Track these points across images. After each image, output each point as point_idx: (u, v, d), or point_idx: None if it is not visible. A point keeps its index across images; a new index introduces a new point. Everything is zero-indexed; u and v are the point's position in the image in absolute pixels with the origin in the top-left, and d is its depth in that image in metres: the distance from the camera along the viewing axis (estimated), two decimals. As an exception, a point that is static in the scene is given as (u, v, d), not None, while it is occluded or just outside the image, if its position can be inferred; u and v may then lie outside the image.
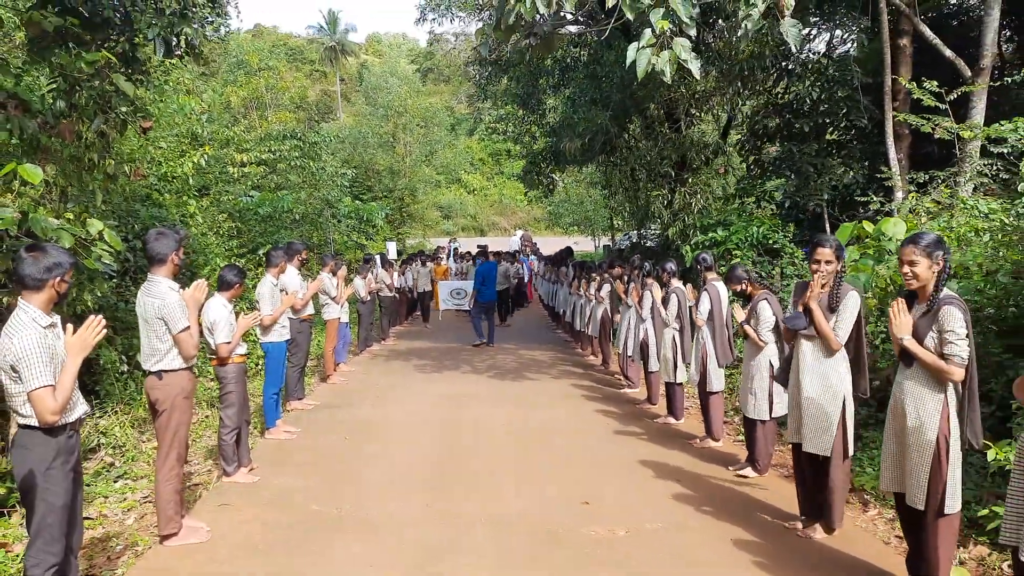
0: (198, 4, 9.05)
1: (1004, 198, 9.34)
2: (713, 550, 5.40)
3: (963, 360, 4.18)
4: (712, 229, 14.27)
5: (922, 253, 4.34)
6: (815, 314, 5.28)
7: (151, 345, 5.37)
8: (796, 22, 8.41)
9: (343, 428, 9.08)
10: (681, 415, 9.19)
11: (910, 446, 4.38)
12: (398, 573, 5.06)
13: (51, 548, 3.91)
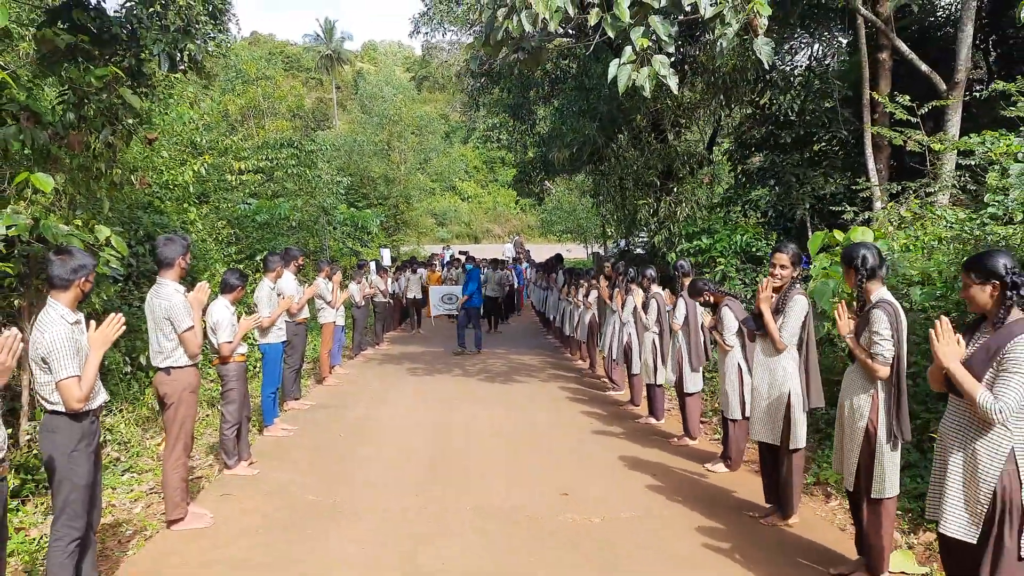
0: (201, 21, 9.43)
1: (972, 208, 9.76)
2: (680, 536, 5.81)
3: (886, 359, 4.61)
4: (697, 237, 14.70)
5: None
6: (764, 315, 5.74)
7: (159, 343, 5.78)
8: (769, 40, 8.88)
9: (338, 427, 9.48)
10: (662, 415, 9.60)
11: (846, 434, 4.84)
12: (388, 556, 5.46)
13: (74, 523, 4.30)
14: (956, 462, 3.82)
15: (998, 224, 8.44)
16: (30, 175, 6.82)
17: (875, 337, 4.66)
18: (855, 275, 4.83)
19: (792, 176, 15.34)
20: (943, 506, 3.84)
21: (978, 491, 3.70)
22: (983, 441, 3.71)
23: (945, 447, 3.90)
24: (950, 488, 3.81)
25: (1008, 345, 3.62)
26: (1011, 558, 3.63)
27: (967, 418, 3.79)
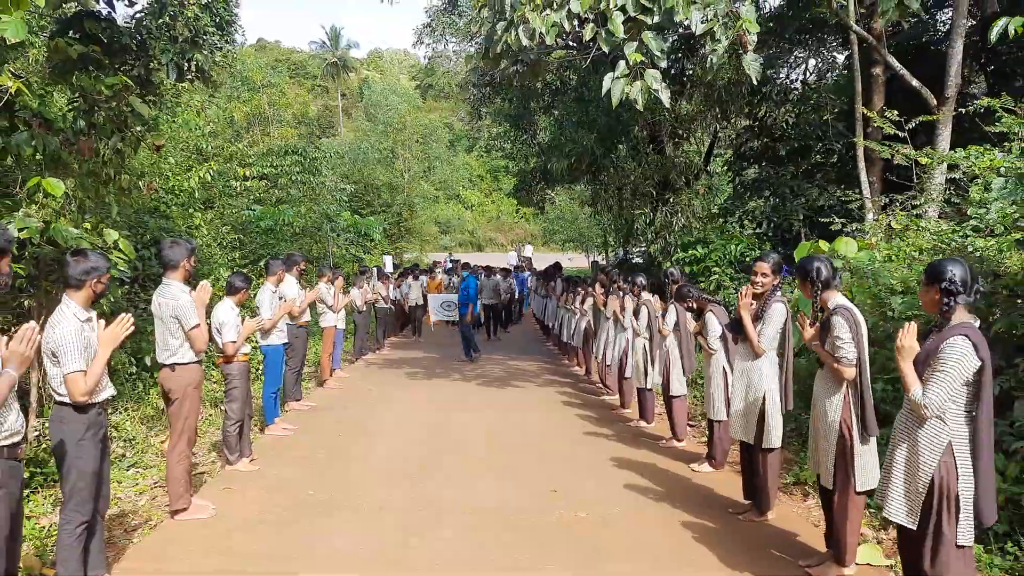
0: (208, 31, 9.75)
1: (956, 221, 10.03)
2: (663, 531, 6.08)
3: (850, 360, 4.90)
4: (692, 247, 14.99)
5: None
6: (744, 320, 6.03)
7: (165, 341, 6.06)
8: (757, 56, 9.21)
9: (337, 428, 9.75)
10: (652, 418, 9.86)
11: (820, 434, 5.10)
12: (382, 548, 5.73)
13: (81, 508, 4.57)
14: (900, 453, 4.14)
15: (979, 236, 8.73)
16: (42, 180, 7.08)
17: (837, 342, 4.95)
18: (811, 287, 5.14)
19: (787, 188, 15.65)
20: (887, 493, 4.13)
21: (917, 480, 3.99)
22: (923, 434, 4.02)
23: (894, 439, 4.20)
24: (894, 476, 4.12)
25: (941, 346, 3.93)
26: (949, 545, 3.92)
27: (911, 413, 4.07)
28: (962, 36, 12.77)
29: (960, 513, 3.91)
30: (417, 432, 9.62)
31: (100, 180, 9.34)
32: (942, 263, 4.09)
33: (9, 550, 3.77)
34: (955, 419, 3.93)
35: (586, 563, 5.47)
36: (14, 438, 3.76)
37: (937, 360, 3.93)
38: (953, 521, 3.90)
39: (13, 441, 3.75)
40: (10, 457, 3.74)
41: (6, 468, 3.71)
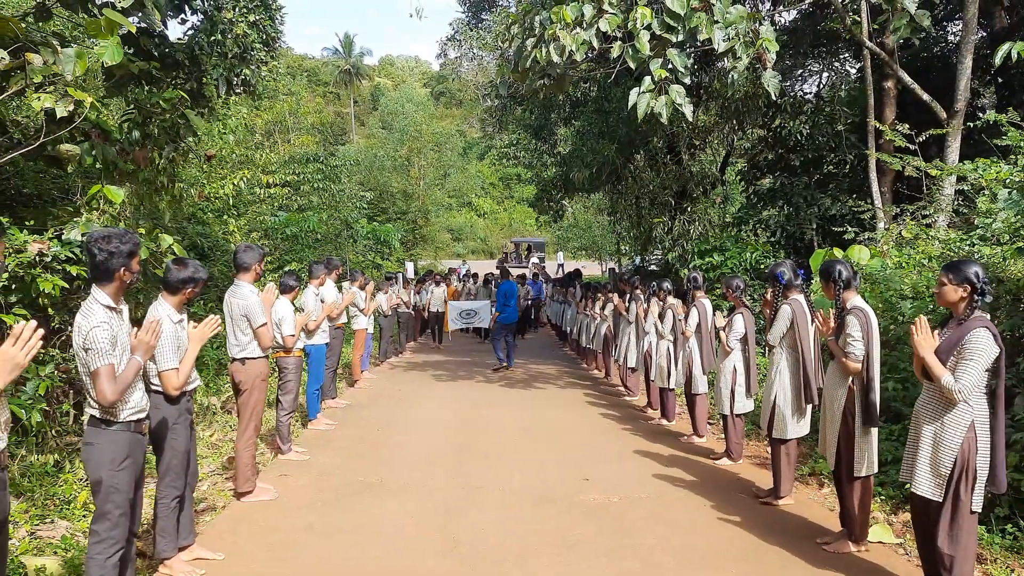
0: (255, 47, 10.30)
1: (964, 230, 10.53)
2: (689, 512, 6.61)
3: (857, 357, 5.44)
4: (709, 254, 15.50)
5: (821, 279, 5.89)
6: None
7: (236, 337, 6.61)
8: (776, 73, 9.74)
9: (374, 422, 10.29)
10: (673, 417, 10.38)
11: (828, 420, 5.66)
12: (430, 524, 6.27)
13: (176, 483, 5.11)
14: (927, 434, 4.61)
15: (985, 245, 9.23)
16: (103, 187, 7.60)
17: (849, 339, 5.49)
18: (833, 287, 5.68)
19: (801, 198, 16.15)
20: (915, 470, 4.62)
21: (943, 457, 4.49)
22: (949, 416, 4.50)
23: (918, 422, 4.69)
24: (921, 455, 4.60)
25: (967, 337, 4.43)
26: (965, 510, 4.44)
27: (937, 397, 4.57)
28: (971, 52, 13.25)
29: (975, 483, 4.42)
30: (449, 426, 10.17)
31: (154, 188, 9.89)
32: (968, 264, 4.58)
33: (133, 513, 4.31)
34: (978, 401, 4.44)
35: (623, 536, 6.00)
36: (139, 414, 4.29)
37: (964, 350, 4.41)
38: (970, 490, 4.42)
39: (138, 417, 4.28)
40: (136, 431, 4.27)
41: (132, 440, 4.25)
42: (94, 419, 4.16)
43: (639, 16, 9.40)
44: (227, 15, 10.11)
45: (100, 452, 4.14)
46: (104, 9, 6.02)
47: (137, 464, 4.29)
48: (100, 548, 4.14)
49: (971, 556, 4.53)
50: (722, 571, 5.37)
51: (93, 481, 4.17)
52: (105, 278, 4.17)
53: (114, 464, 4.14)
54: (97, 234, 4.18)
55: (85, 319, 4.00)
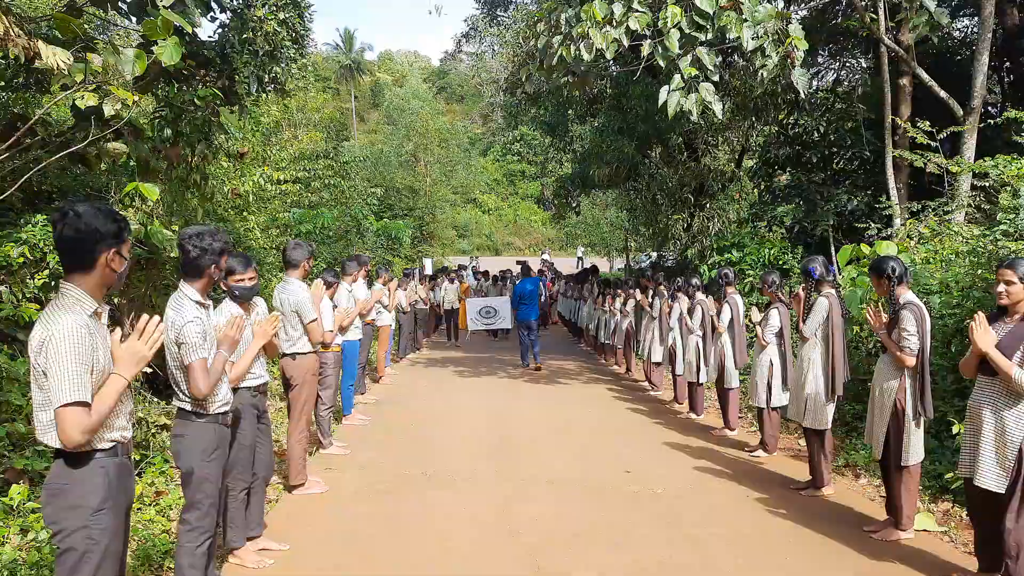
0: (285, 45, 10.41)
1: (985, 226, 10.66)
2: (733, 503, 6.76)
3: (912, 350, 5.57)
4: (727, 251, 15.61)
5: (872, 275, 6.03)
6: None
7: (286, 332, 6.73)
8: (805, 72, 9.85)
9: (407, 417, 10.44)
10: (702, 411, 10.53)
11: (876, 412, 5.81)
12: (484, 512, 6.43)
13: (243, 475, 5.22)
14: (988, 429, 4.72)
15: (1010, 240, 9.36)
16: (139, 184, 7.70)
17: (904, 333, 5.62)
18: (887, 282, 5.79)
19: (816, 194, 16.27)
20: (978, 464, 4.73)
21: (1007, 451, 4.61)
22: (1012, 411, 4.62)
23: (979, 417, 4.78)
24: (984, 449, 4.71)
25: None
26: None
27: (998, 392, 4.69)
28: (987, 49, 13.37)
29: None
30: (482, 420, 10.32)
31: (187, 185, 9.99)
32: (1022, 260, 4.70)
33: (221, 498, 4.44)
34: None
35: (673, 525, 6.16)
36: (225, 407, 4.42)
37: None
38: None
39: (225, 409, 4.41)
40: (223, 423, 4.40)
41: (220, 432, 4.38)
42: (184, 412, 4.29)
43: (669, 15, 9.50)
44: (257, 13, 10.22)
45: (191, 443, 4.27)
46: (162, 10, 6.12)
47: (224, 455, 4.43)
48: (191, 537, 4.27)
49: None
50: (776, 556, 5.51)
51: (184, 472, 4.30)
52: (195, 274, 4.29)
53: (205, 455, 4.27)
54: (190, 231, 4.31)
55: (177, 314, 4.11)
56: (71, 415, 2.92)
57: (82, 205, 3.11)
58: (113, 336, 3.21)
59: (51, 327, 2.96)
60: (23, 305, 6.89)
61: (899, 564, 5.35)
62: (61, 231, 3.09)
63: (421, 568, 5.28)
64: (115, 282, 3.27)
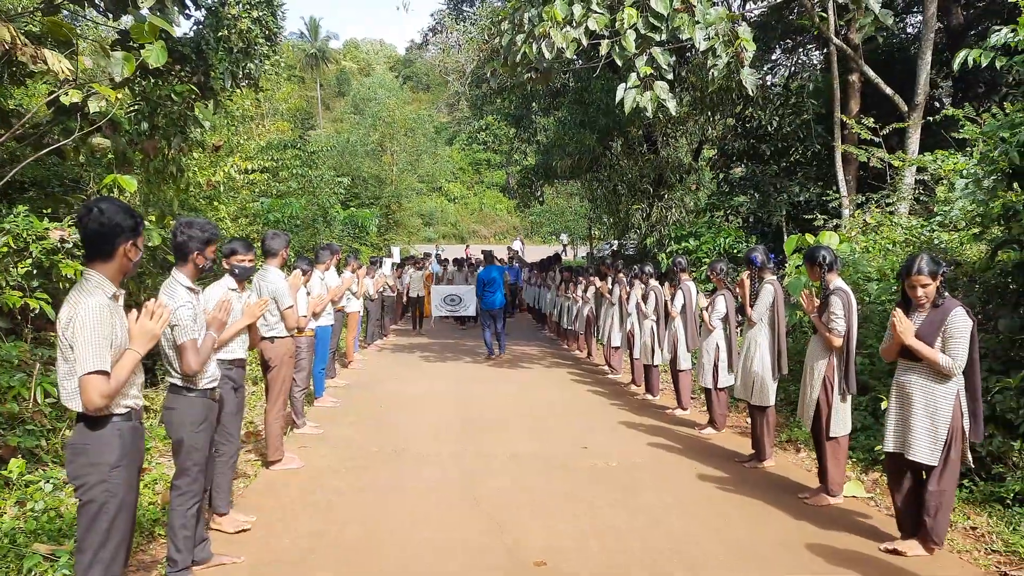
0: (258, 42, 10.78)
1: (924, 217, 11.30)
2: (681, 475, 7.31)
3: (839, 332, 6.15)
4: (685, 239, 16.23)
5: (806, 263, 6.58)
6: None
7: (265, 318, 7.16)
8: (753, 71, 10.38)
9: (376, 399, 10.91)
10: (657, 392, 11.10)
11: (808, 387, 6.38)
12: (452, 485, 6.92)
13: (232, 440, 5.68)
14: (919, 408, 5.25)
15: (944, 231, 10.00)
16: (117, 177, 8.04)
17: (832, 316, 6.19)
18: (819, 269, 6.36)
19: (770, 185, 16.92)
20: (910, 440, 5.25)
21: (939, 426, 5.15)
22: (942, 390, 5.18)
23: (907, 397, 5.31)
24: (917, 427, 5.24)
25: (947, 319, 5.12)
26: (954, 467, 5.17)
27: (927, 374, 5.23)
28: (931, 48, 14.03)
29: (964, 441, 5.17)
30: (448, 402, 10.82)
31: (163, 177, 10.34)
32: (936, 259, 5.24)
33: (209, 469, 4.89)
34: (959, 375, 5.15)
35: (625, 494, 6.69)
36: (213, 382, 4.85)
37: (949, 329, 5.09)
38: (959, 449, 5.15)
39: (212, 385, 4.84)
40: (210, 397, 4.83)
41: (208, 405, 4.81)
42: (175, 387, 4.71)
43: (625, 16, 9.99)
44: (231, 11, 10.58)
45: (181, 416, 4.70)
46: (149, 16, 6.51)
47: (211, 426, 4.86)
48: (182, 500, 4.71)
49: (949, 507, 5.29)
50: (717, 521, 6.05)
51: (175, 441, 4.73)
52: (181, 259, 4.74)
53: (194, 426, 4.71)
54: (183, 220, 4.77)
55: (171, 299, 4.53)
56: (93, 382, 3.38)
57: (104, 202, 3.58)
58: (129, 316, 3.66)
59: (77, 307, 3.43)
60: (7, 292, 7.21)
61: (827, 526, 5.91)
62: (87, 224, 3.55)
63: (392, 533, 5.75)
64: (131, 269, 3.73)
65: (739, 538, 5.70)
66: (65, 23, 6.70)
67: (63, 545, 4.98)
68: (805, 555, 5.36)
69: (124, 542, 3.63)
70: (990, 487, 6.33)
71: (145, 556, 5.20)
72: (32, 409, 6.76)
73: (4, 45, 5.97)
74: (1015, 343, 6.85)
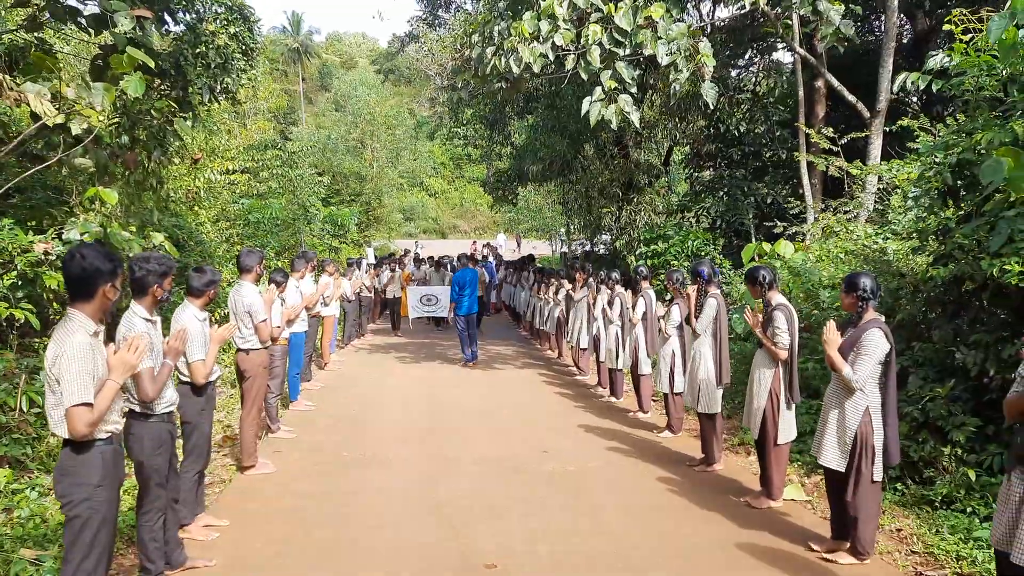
0: (235, 57, 11.12)
1: (879, 224, 11.72)
2: (634, 478, 7.75)
3: (784, 345, 6.58)
4: (654, 242, 16.64)
5: (747, 283, 7.03)
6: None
7: (240, 331, 7.55)
8: (713, 84, 10.81)
9: (349, 402, 11.30)
10: (621, 395, 11.53)
11: (754, 397, 6.79)
12: (414, 489, 7.35)
13: (199, 461, 6.03)
14: (831, 416, 5.71)
15: (896, 239, 10.41)
16: (99, 190, 8.35)
17: (776, 330, 6.61)
18: (759, 288, 6.79)
19: (739, 189, 17.34)
20: (822, 446, 5.72)
21: (845, 435, 5.58)
22: (849, 402, 5.60)
23: (827, 405, 5.79)
24: (827, 434, 5.70)
25: (862, 336, 5.52)
26: (866, 480, 5.54)
27: (841, 386, 5.66)
28: (892, 55, 14.43)
29: (874, 457, 5.53)
30: (418, 404, 11.24)
31: (143, 188, 10.63)
32: (857, 276, 5.67)
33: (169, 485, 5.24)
34: (871, 389, 5.54)
35: (577, 498, 7.13)
36: (171, 407, 5.19)
37: (861, 346, 5.49)
38: (870, 463, 5.52)
39: (170, 409, 5.19)
40: (168, 421, 5.17)
41: (166, 429, 5.14)
42: (134, 413, 5.01)
43: (591, 32, 10.39)
44: (209, 27, 10.91)
45: (140, 440, 5.00)
46: (128, 48, 6.84)
47: (169, 448, 5.20)
48: (147, 517, 5.06)
49: (873, 517, 5.66)
50: (662, 522, 6.48)
51: (136, 463, 5.04)
52: (141, 292, 5.03)
53: (152, 449, 5.03)
54: (139, 256, 5.12)
55: (128, 330, 4.85)
56: (79, 413, 3.78)
57: (86, 248, 3.97)
58: (108, 349, 4.04)
59: (63, 345, 3.81)
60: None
61: (764, 529, 6.35)
62: (70, 269, 3.94)
63: (354, 537, 6.15)
64: (110, 307, 4.11)
65: (680, 540, 6.13)
66: (49, 57, 7.02)
67: (48, 550, 5.34)
68: (740, 556, 5.80)
69: (105, 553, 4.03)
70: (920, 490, 6.77)
71: (125, 560, 5.57)
72: (18, 418, 7.09)
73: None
74: (949, 353, 7.26)
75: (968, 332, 7.09)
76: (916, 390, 7.22)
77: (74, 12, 8.18)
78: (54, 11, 7.97)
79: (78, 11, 8.20)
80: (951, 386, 6.95)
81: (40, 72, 7.19)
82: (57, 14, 8.22)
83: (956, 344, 7.10)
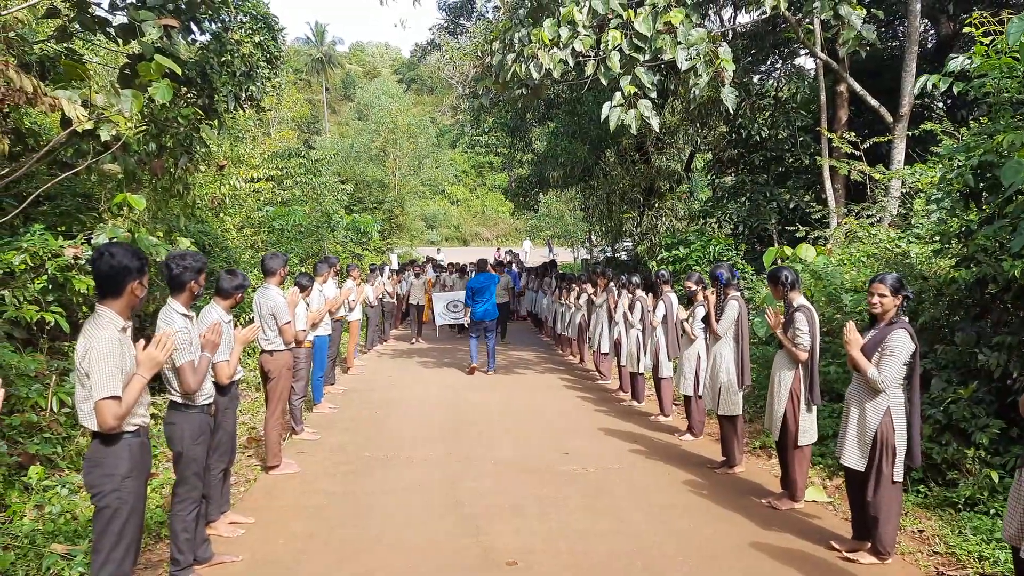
0: (260, 65, 11.26)
1: (902, 228, 11.71)
2: (654, 479, 7.78)
3: (805, 347, 6.58)
4: (675, 247, 16.66)
5: (769, 283, 7.03)
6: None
7: (265, 333, 7.66)
8: (733, 89, 10.83)
9: (371, 405, 11.38)
10: (642, 399, 11.55)
11: (775, 399, 6.79)
12: (436, 488, 7.39)
13: (224, 458, 6.09)
14: (852, 416, 5.73)
15: (919, 243, 10.40)
16: (127, 196, 8.51)
17: (797, 332, 6.63)
18: (781, 289, 6.81)
19: (761, 194, 17.33)
20: (844, 445, 5.74)
21: (865, 435, 5.60)
22: (871, 402, 5.61)
23: (848, 405, 5.80)
24: (848, 433, 5.72)
25: (888, 337, 5.53)
26: (887, 481, 5.55)
27: (862, 386, 5.68)
28: (914, 59, 14.40)
29: (895, 458, 5.53)
30: (440, 407, 11.30)
31: (170, 195, 10.80)
32: (901, 278, 5.66)
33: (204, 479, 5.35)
34: (895, 391, 5.54)
35: (598, 498, 7.16)
36: (209, 399, 5.32)
37: (886, 347, 5.49)
38: (890, 464, 5.53)
39: (209, 401, 5.32)
40: (207, 412, 5.31)
41: (205, 420, 5.29)
42: (175, 404, 5.18)
43: (610, 38, 10.45)
44: (234, 36, 11.06)
45: (181, 430, 5.16)
46: (156, 55, 6.97)
47: (208, 439, 5.33)
48: (182, 506, 5.19)
49: (894, 518, 5.65)
50: (682, 522, 6.51)
51: (175, 453, 5.20)
52: (178, 288, 5.19)
53: (192, 439, 5.18)
54: (175, 253, 5.25)
55: (168, 325, 4.99)
56: (107, 406, 3.87)
57: (114, 247, 4.06)
58: (137, 345, 4.14)
59: (92, 341, 3.91)
60: (24, 307, 7.68)
61: (785, 530, 6.36)
62: (99, 267, 4.04)
63: (376, 535, 6.22)
64: (138, 305, 4.20)
65: (701, 539, 6.16)
66: (79, 65, 7.17)
67: (78, 545, 5.46)
68: (761, 556, 5.82)
69: (134, 543, 4.12)
70: (944, 492, 6.77)
71: (152, 555, 5.69)
72: (49, 418, 7.24)
73: (27, 95, 6.43)
74: (972, 355, 7.25)
75: (991, 334, 7.08)
76: (939, 392, 7.20)
77: (103, 22, 8.34)
78: (83, 21, 8.13)
79: (107, 21, 8.37)
80: (974, 388, 6.94)
81: (70, 80, 7.31)
82: (87, 24, 8.38)
83: (979, 346, 7.08)
